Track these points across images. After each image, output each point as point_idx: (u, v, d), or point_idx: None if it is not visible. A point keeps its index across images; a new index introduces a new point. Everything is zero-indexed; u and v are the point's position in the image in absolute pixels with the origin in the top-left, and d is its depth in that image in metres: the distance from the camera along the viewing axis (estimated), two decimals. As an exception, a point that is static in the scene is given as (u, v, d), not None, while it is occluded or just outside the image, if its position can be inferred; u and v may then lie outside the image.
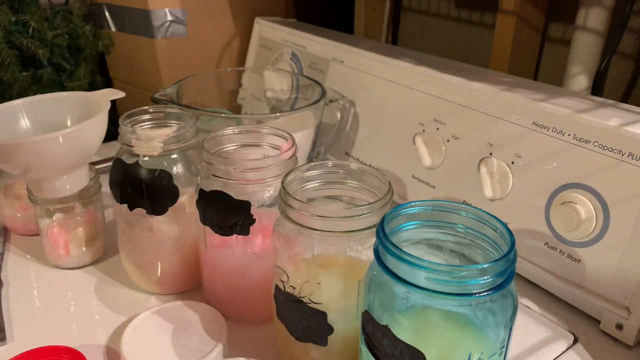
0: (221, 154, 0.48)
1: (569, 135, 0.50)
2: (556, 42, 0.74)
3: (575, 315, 0.52)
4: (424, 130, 0.63)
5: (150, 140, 0.49)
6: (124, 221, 0.53)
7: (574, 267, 0.50)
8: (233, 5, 0.93)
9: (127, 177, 0.50)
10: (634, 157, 0.46)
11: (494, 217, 0.35)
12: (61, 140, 0.48)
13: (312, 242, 0.41)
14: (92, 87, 0.99)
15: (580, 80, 0.67)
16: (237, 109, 0.83)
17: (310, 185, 0.44)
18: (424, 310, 0.33)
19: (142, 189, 0.50)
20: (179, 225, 0.52)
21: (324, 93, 0.68)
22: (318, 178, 0.44)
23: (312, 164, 0.44)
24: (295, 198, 0.39)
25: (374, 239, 0.34)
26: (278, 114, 0.64)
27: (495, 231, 0.34)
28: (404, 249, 0.31)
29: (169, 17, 0.87)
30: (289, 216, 0.40)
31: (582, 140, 0.49)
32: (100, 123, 0.52)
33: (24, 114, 0.55)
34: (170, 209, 0.51)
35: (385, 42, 0.98)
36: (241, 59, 0.97)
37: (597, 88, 0.66)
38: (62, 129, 0.49)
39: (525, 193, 0.53)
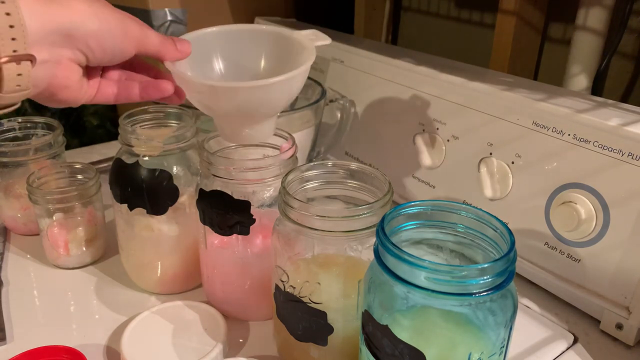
0: (221, 154, 0.48)
1: (569, 135, 0.50)
2: (556, 42, 0.74)
3: (575, 315, 0.52)
4: (424, 130, 0.63)
5: (150, 140, 0.49)
6: (124, 221, 0.53)
7: (574, 267, 0.50)
8: (233, 5, 0.93)
9: (127, 177, 0.50)
10: (634, 157, 0.46)
11: (494, 217, 0.35)
12: (284, 85, 0.41)
13: (312, 242, 0.41)
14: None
15: (580, 80, 0.67)
16: (237, 109, 0.83)
17: (310, 185, 0.44)
18: (424, 310, 0.33)
19: (142, 189, 0.50)
20: (179, 225, 0.52)
21: (324, 93, 0.68)
22: (318, 178, 0.44)
23: (312, 164, 0.44)
24: (295, 198, 0.39)
25: (374, 239, 0.34)
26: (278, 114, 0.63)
27: (495, 231, 0.34)
28: (404, 249, 0.31)
29: (169, 17, 0.87)
30: (289, 216, 0.40)
31: (582, 140, 0.49)
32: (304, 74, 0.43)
33: (215, 45, 0.47)
34: (170, 209, 0.51)
35: (385, 42, 0.98)
36: (241, 59, 0.97)
37: (597, 88, 0.66)
38: (254, 68, 0.43)
39: (525, 193, 0.53)
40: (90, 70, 0.40)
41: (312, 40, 0.45)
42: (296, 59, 0.44)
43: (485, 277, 0.30)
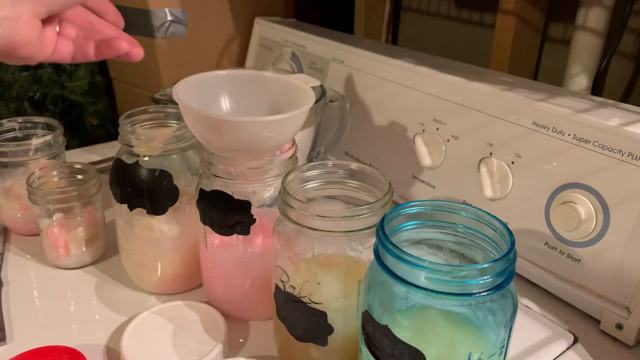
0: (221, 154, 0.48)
1: (569, 135, 0.50)
2: (556, 42, 0.74)
3: (575, 315, 0.52)
4: (424, 130, 0.63)
5: (150, 140, 0.49)
6: (124, 221, 0.53)
7: (574, 267, 0.50)
8: (233, 5, 0.93)
9: (127, 177, 0.50)
10: (634, 157, 0.46)
11: (494, 217, 0.35)
12: (288, 122, 0.44)
13: (312, 242, 0.41)
14: (92, 87, 0.99)
15: (580, 80, 0.67)
16: (237, 109, 0.83)
17: (310, 185, 0.44)
18: (424, 310, 0.33)
19: (142, 189, 0.50)
20: (179, 225, 0.52)
21: (324, 93, 0.68)
22: (318, 178, 0.44)
23: (312, 164, 0.44)
24: (295, 198, 0.39)
25: (374, 239, 0.34)
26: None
27: (495, 231, 0.34)
28: (404, 249, 0.31)
29: (169, 17, 0.87)
30: (289, 216, 0.40)
31: (582, 140, 0.49)
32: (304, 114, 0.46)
33: (224, 86, 0.49)
34: (170, 209, 0.51)
35: (385, 42, 0.98)
36: (241, 59, 0.97)
37: (597, 88, 0.66)
38: (258, 109, 0.47)
39: (525, 193, 0.53)
40: (47, 27, 0.40)
41: (307, 82, 0.48)
42: (296, 100, 0.46)
43: (485, 277, 0.30)
